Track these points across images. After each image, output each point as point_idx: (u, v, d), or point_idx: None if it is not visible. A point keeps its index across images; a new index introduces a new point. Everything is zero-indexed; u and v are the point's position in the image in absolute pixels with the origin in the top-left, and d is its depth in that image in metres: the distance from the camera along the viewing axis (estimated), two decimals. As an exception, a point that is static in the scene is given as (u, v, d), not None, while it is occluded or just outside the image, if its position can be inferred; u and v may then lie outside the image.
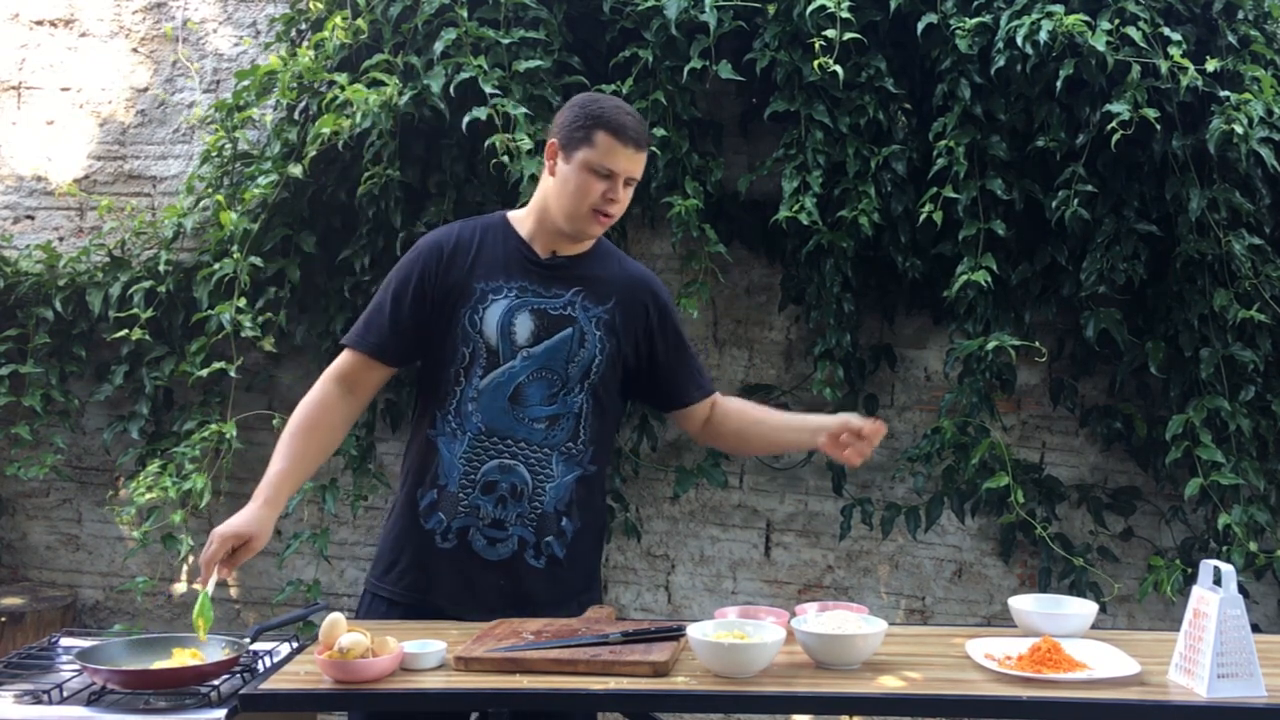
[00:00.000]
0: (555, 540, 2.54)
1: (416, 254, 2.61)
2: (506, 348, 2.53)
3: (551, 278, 2.57)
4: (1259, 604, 3.89)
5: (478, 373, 2.53)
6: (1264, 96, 3.54)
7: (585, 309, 2.56)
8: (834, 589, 4.15)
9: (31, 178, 4.52)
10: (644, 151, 2.55)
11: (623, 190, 2.53)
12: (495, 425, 2.52)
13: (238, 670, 2.26)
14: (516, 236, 2.60)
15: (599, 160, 2.49)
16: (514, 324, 2.53)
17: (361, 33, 3.85)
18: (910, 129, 3.81)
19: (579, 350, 2.54)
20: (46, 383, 4.17)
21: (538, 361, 2.53)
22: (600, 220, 2.53)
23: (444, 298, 2.55)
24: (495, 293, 2.55)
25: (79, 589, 4.46)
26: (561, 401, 2.53)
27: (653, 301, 2.64)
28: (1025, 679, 2.11)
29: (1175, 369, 3.80)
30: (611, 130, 2.49)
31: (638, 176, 2.55)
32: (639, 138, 2.52)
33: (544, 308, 2.55)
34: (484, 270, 2.56)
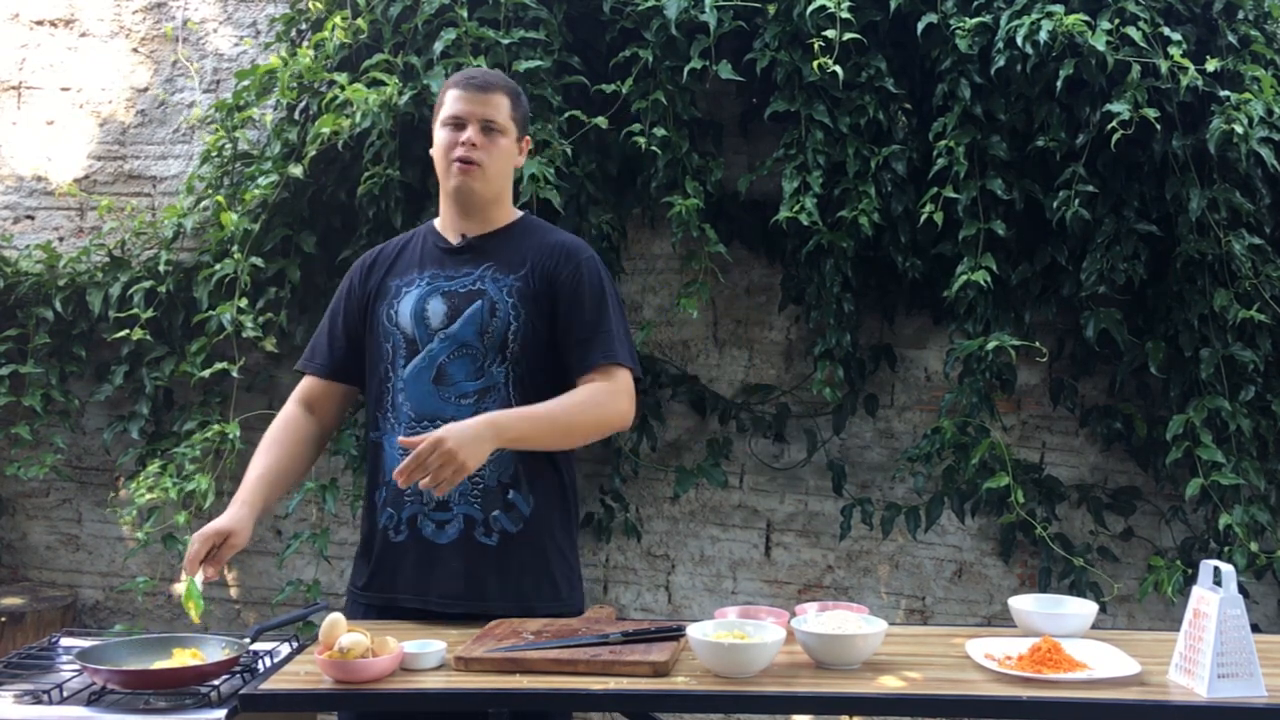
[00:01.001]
0: (504, 515, 2.51)
1: (347, 274, 2.74)
2: (422, 333, 2.55)
3: (461, 260, 2.60)
4: (1259, 604, 3.89)
5: (401, 364, 2.56)
6: (1264, 96, 3.54)
7: (495, 280, 2.55)
8: (834, 589, 4.15)
9: (31, 178, 4.52)
10: (491, 93, 2.57)
11: (479, 134, 2.54)
12: (424, 409, 2.52)
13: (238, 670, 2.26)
14: (434, 233, 2.67)
15: (446, 113, 2.58)
16: (426, 309, 2.56)
17: (361, 33, 3.85)
18: (910, 129, 3.81)
19: (491, 320, 2.53)
20: (46, 383, 4.18)
21: (454, 340, 2.53)
22: (462, 169, 2.55)
23: (368, 304, 2.65)
24: (408, 285, 2.61)
25: (79, 589, 4.46)
26: (487, 374, 2.52)
27: (568, 266, 2.57)
28: (1025, 679, 2.11)
29: (1175, 369, 3.80)
30: (454, 83, 2.60)
31: (494, 118, 2.56)
32: (482, 82, 2.58)
33: (453, 289, 2.57)
34: (400, 269, 2.65)
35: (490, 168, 2.56)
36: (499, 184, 2.61)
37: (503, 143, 2.58)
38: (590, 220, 3.89)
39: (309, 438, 2.69)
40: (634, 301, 4.23)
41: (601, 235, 3.94)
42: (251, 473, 2.58)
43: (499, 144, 2.57)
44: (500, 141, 2.57)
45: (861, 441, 4.16)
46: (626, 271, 4.20)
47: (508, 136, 2.59)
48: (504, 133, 2.58)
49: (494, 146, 2.56)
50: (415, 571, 2.52)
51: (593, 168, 3.90)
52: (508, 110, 2.58)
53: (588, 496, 4.19)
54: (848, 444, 4.16)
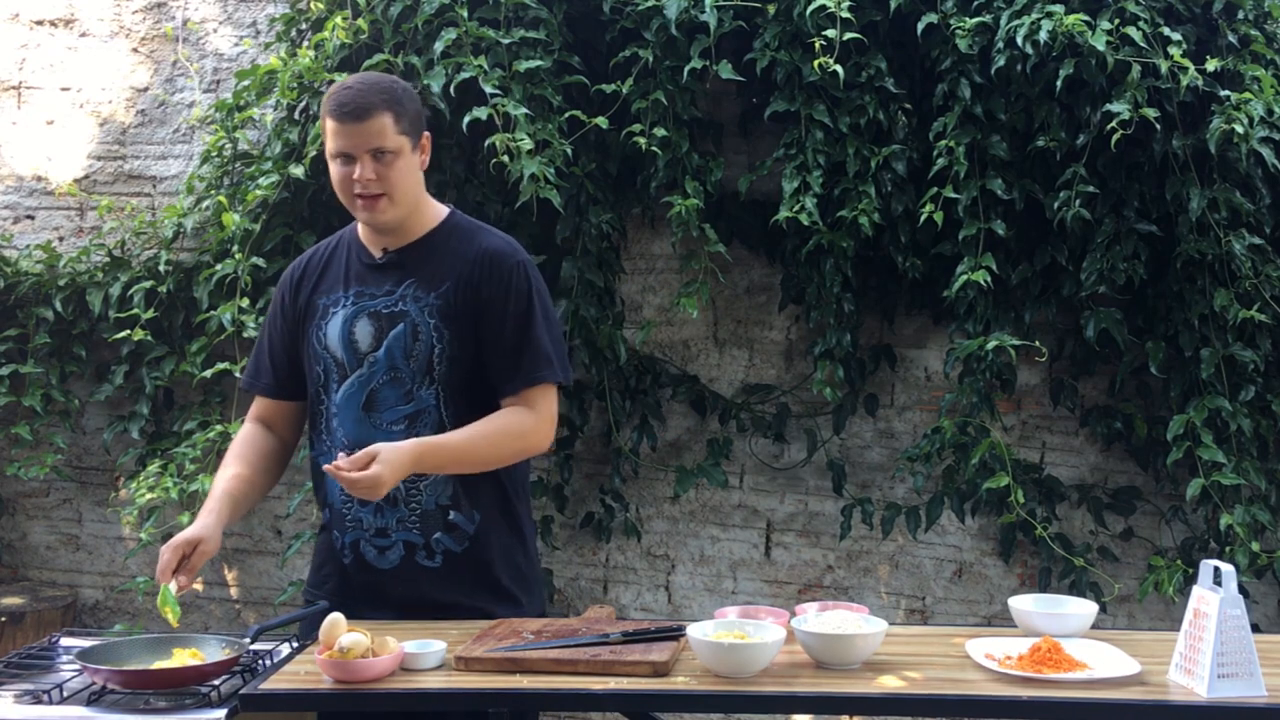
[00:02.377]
0: (446, 536, 2.49)
1: (277, 287, 2.67)
2: (351, 358, 2.50)
3: (384, 276, 2.52)
4: (1259, 604, 3.89)
5: (333, 388, 2.52)
6: (1264, 96, 3.54)
7: (416, 300, 2.48)
8: (834, 589, 4.15)
9: (31, 178, 4.52)
10: (370, 118, 2.39)
11: (372, 165, 2.41)
12: (356, 436, 2.48)
13: (238, 670, 2.26)
14: (358, 243, 2.58)
15: (331, 146, 2.45)
16: (354, 332, 2.51)
17: (362, 33, 3.84)
18: (910, 129, 3.81)
19: (414, 344, 2.47)
20: (46, 383, 4.18)
21: (383, 364, 2.48)
22: (364, 205, 2.45)
23: (299, 322, 2.59)
24: (334, 305, 2.54)
25: (79, 589, 4.46)
26: (416, 398, 2.48)
27: (491, 279, 2.47)
28: (1025, 679, 2.11)
29: (1175, 369, 3.80)
30: (329, 111, 2.44)
31: (380, 145, 2.41)
32: (355, 108, 2.40)
33: (378, 309, 2.50)
34: (326, 285, 2.58)
35: (396, 195, 2.46)
36: (410, 202, 2.50)
37: (399, 164, 2.44)
38: (590, 220, 3.89)
39: (270, 453, 2.64)
40: (634, 301, 4.23)
41: (601, 235, 3.94)
42: (217, 487, 2.53)
43: (395, 167, 2.44)
44: (396, 164, 2.44)
45: (861, 441, 4.16)
46: (626, 271, 4.20)
47: (402, 154, 2.45)
48: (398, 153, 2.44)
49: (391, 172, 2.44)
50: (364, 591, 2.52)
51: (593, 168, 3.90)
52: (392, 128, 2.43)
53: (588, 496, 4.19)
54: (848, 444, 4.16)
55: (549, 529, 4.10)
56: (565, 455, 4.10)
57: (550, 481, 4.10)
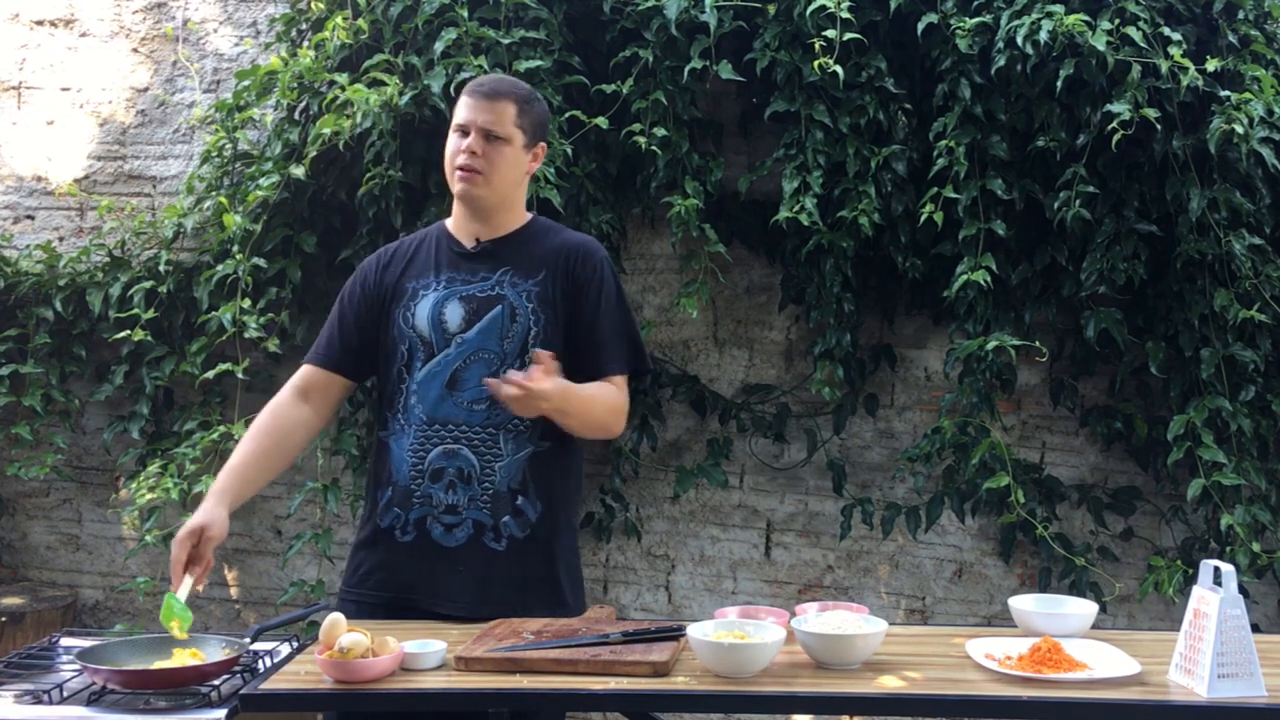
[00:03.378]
0: (513, 520, 2.52)
1: (358, 270, 2.75)
2: (439, 338, 2.57)
3: (478, 264, 2.61)
4: (1259, 604, 3.89)
5: (417, 367, 2.57)
6: (1264, 96, 3.54)
7: (514, 285, 2.57)
8: (834, 589, 4.15)
9: (31, 178, 4.52)
10: (497, 100, 2.56)
11: (480, 142, 2.55)
12: (436, 413, 2.54)
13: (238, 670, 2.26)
14: (447, 235, 2.68)
15: (455, 120, 2.60)
16: (444, 313, 2.58)
17: (362, 33, 3.85)
18: (910, 129, 3.81)
19: (511, 326, 2.55)
20: (46, 383, 4.18)
21: (472, 345, 2.55)
22: (462, 176, 2.56)
23: (382, 303, 2.65)
24: (425, 288, 2.61)
25: (79, 589, 4.46)
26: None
27: (582, 267, 2.60)
28: (1025, 679, 2.11)
29: (1175, 369, 3.80)
30: (466, 89, 2.61)
31: (494, 128, 2.55)
32: (489, 89, 2.57)
33: (471, 293, 2.58)
34: (416, 271, 2.65)
35: (492, 175, 2.56)
36: (504, 190, 2.60)
37: (506, 150, 2.57)
38: (590, 220, 3.89)
39: (300, 425, 2.65)
40: (634, 301, 4.23)
41: (601, 235, 3.93)
42: (233, 459, 2.57)
43: (501, 152, 2.56)
44: (503, 149, 2.56)
45: (861, 441, 4.17)
46: (626, 271, 4.20)
47: (512, 144, 2.57)
48: (508, 140, 2.56)
49: (495, 154, 2.56)
50: (421, 572, 2.52)
51: (593, 168, 3.90)
52: (513, 117, 2.57)
53: (588, 496, 4.19)
54: (848, 444, 4.16)
55: (549, 529, 4.09)
56: (565, 455, 4.09)
57: (550, 481, 4.10)
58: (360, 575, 2.60)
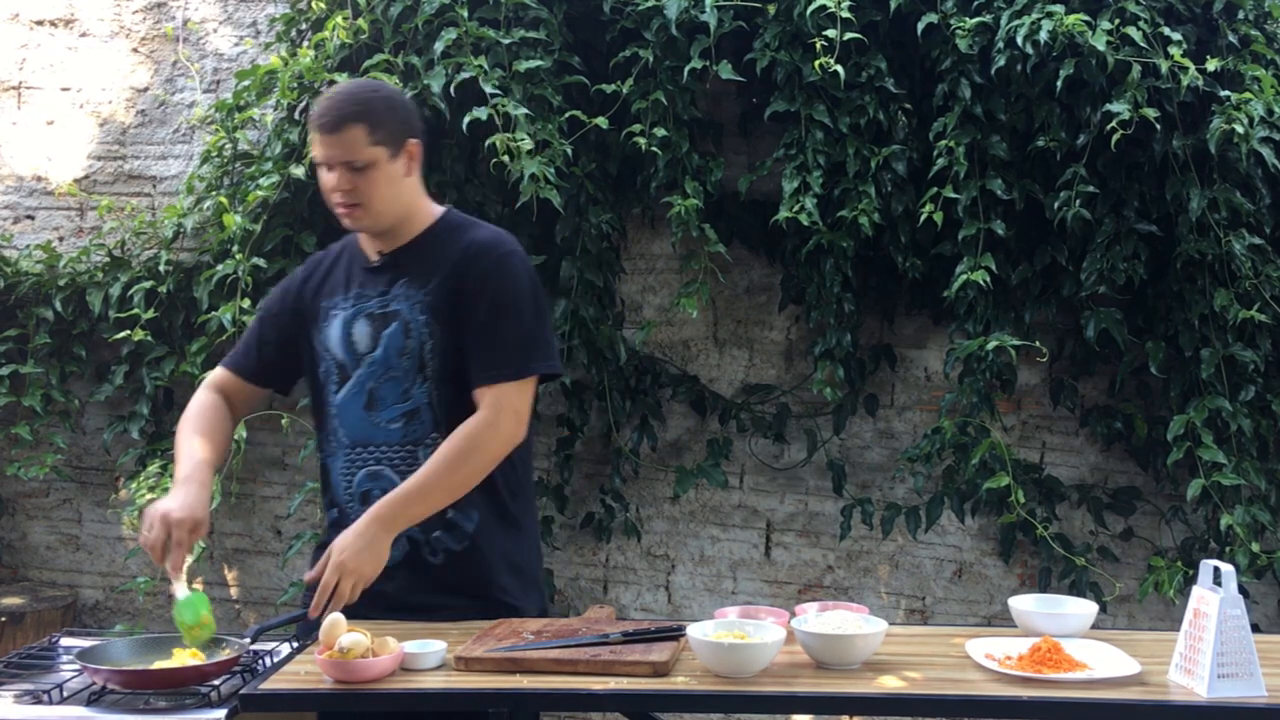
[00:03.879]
0: (446, 534, 2.50)
1: (281, 283, 2.73)
2: (351, 359, 2.53)
3: (379, 277, 2.55)
4: (1259, 604, 3.89)
5: (334, 390, 2.55)
6: (1264, 96, 3.54)
7: (408, 298, 2.50)
8: (834, 589, 4.15)
9: (31, 178, 4.52)
10: (342, 131, 2.41)
11: (346, 177, 2.43)
12: (357, 436, 2.53)
13: (238, 670, 2.26)
14: (357, 248, 2.62)
15: (314, 154, 2.50)
16: (353, 333, 2.54)
17: (362, 33, 3.84)
18: (910, 129, 3.81)
19: (406, 342, 2.50)
20: (46, 383, 4.18)
21: (381, 364, 2.51)
22: (343, 213, 2.48)
23: (301, 322, 2.62)
24: (334, 308, 2.57)
25: (79, 589, 4.46)
26: (411, 397, 2.50)
27: (472, 271, 2.48)
28: (1025, 679, 2.10)
29: (1175, 369, 3.80)
30: (311, 121, 2.48)
31: (351, 159, 2.42)
32: (331, 120, 2.42)
33: (374, 310, 2.53)
34: (329, 289, 2.61)
35: (371, 203, 2.46)
36: (393, 209, 2.50)
37: (374, 175, 2.44)
38: (590, 220, 3.89)
39: (229, 426, 2.66)
40: (634, 301, 4.23)
41: (601, 235, 3.94)
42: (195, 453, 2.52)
43: (369, 178, 2.44)
44: (371, 175, 2.44)
45: (861, 441, 4.16)
46: (626, 271, 4.20)
47: (377, 166, 2.44)
48: (372, 164, 2.43)
49: (364, 182, 2.44)
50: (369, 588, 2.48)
51: (593, 168, 3.90)
52: (366, 140, 2.42)
53: (588, 496, 4.19)
54: (848, 444, 4.16)
55: (549, 529, 4.09)
56: (565, 455, 4.10)
57: (550, 481, 4.10)
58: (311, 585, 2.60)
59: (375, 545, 2.38)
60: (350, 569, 2.34)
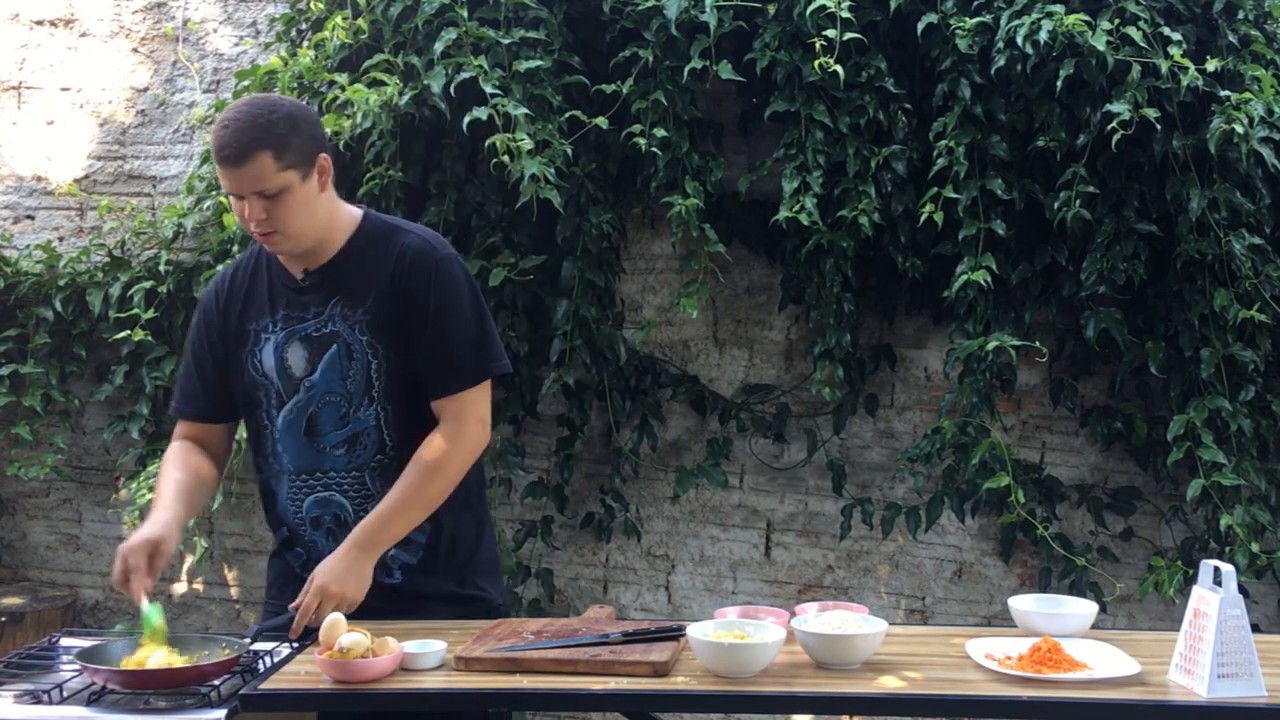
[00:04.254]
0: (401, 551, 2.48)
1: (198, 313, 2.61)
2: (287, 384, 2.48)
3: (309, 297, 2.47)
4: (1259, 604, 3.89)
5: (273, 414, 2.50)
6: (1264, 96, 3.54)
7: (345, 318, 2.44)
8: (834, 589, 4.15)
9: (31, 178, 4.52)
10: (247, 162, 2.31)
11: (260, 205, 2.34)
12: (301, 463, 2.49)
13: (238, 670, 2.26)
14: (277, 264, 2.52)
15: (224, 187, 2.40)
16: (287, 357, 2.48)
17: (362, 33, 3.84)
18: (910, 129, 3.81)
19: (349, 365, 2.44)
20: (46, 383, 4.18)
21: (320, 388, 2.45)
22: (263, 239, 2.41)
23: (230, 349, 2.54)
24: (264, 330, 2.50)
25: (79, 589, 4.46)
26: (354, 420, 2.45)
27: (409, 279, 2.42)
28: (1025, 679, 2.10)
29: (1175, 369, 3.80)
30: (215, 152, 2.36)
31: (263, 187, 2.33)
32: (233, 152, 2.31)
33: (308, 332, 2.46)
34: (254, 309, 2.52)
35: (291, 229, 2.39)
36: (313, 229, 2.43)
37: (288, 200, 2.36)
38: (590, 220, 3.89)
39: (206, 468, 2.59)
40: (634, 301, 4.23)
41: (601, 235, 3.94)
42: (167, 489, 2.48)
43: (284, 203, 2.36)
44: (284, 201, 2.35)
45: (861, 441, 4.16)
46: (626, 271, 4.20)
47: (290, 190, 2.35)
48: (284, 189, 2.34)
49: (279, 209, 2.36)
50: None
51: (593, 168, 3.90)
52: (273, 167, 2.32)
53: (588, 496, 4.19)
54: (848, 444, 4.16)
55: (549, 529, 4.10)
56: (565, 455, 4.10)
57: (550, 481, 4.10)
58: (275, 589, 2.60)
59: (357, 569, 2.37)
60: (332, 593, 2.34)
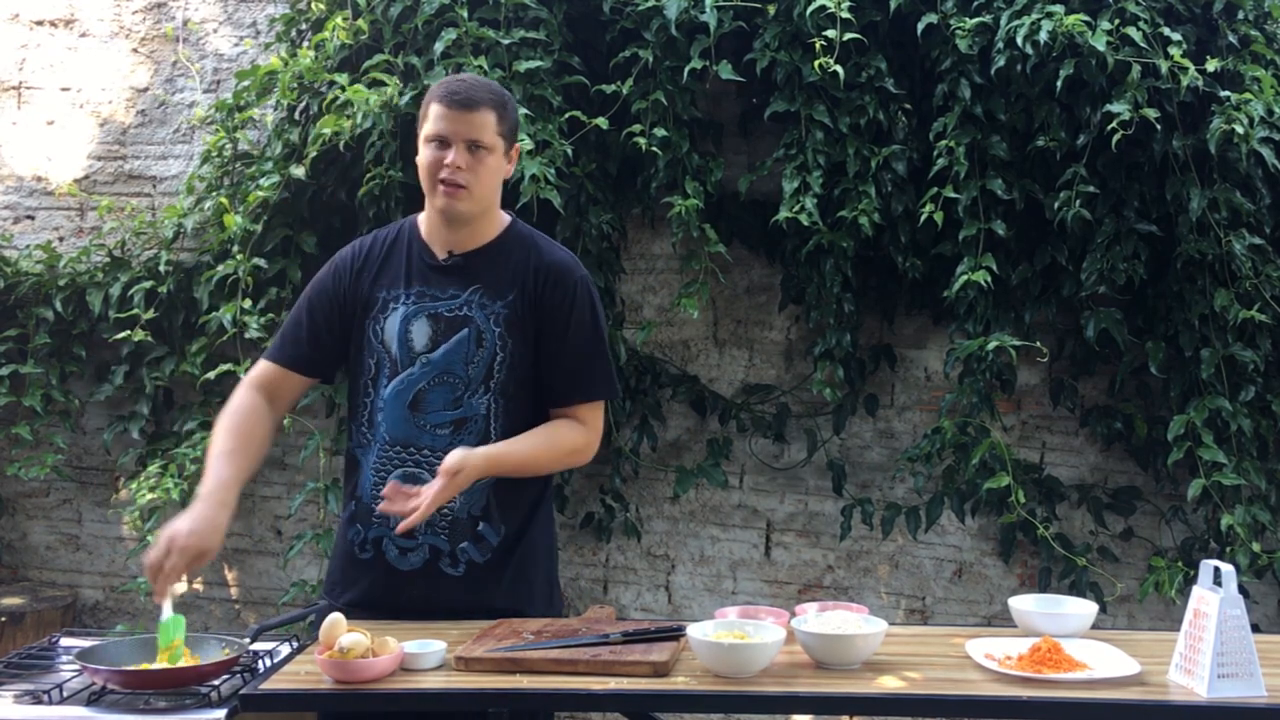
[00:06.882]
0: (473, 546, 2.48)
1: (329, 268, 2.63)
2: (405, 355, 2.49)
3: (448, 279, 2.52)
4: (1259, 604, 3.89)
5: (383, 383, 2.51)
6: (1264, 96, 3.54)
7: (482, 306, 2.48)
8: (834, 589, 4.15)
9: (31, 178, 4.52)
10: (476, 110, 2.44)
11: (465, 155, 2.44)
12: (398, 434, 2.49)
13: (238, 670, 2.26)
14: (419, 240, 2.58)
15: (430, 129, 2.48)
16: (411, 330, 2.50)
17: (362, 33, 3.85)
18: (910, 129, 3.81)
19: (476, 351, 2.47)
20: (46, 383, 4.18)
21: (437, 366, 2.48)
22: (446, 192, 2.46)
23: (352, 310, 2.56)
24: (395, 300, 2.53)
25: (79, 589, 4.46)
26: (466, 405, 2.47)
27: (557, 292, 2.50)
28: (1025, 679, 2.11)
29: (1175, 369, 3.80)
30: (437, 97, 2.47)
31: (479, 138, 2.44)
32: (466, 98, 2.44)
33: (439, 311, 2.49)
34: (387, 279, 2.56)
35: (477, 189, 2.47)
36: (487, 201, 2.52)
37: (490, 161, 2.47)
38: (590, 220, 3.89)
39: (269, 430, 2.58)
40: (634, 301, 4.23)
41: (601, 235, 3.94)
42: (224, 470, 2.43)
43: (486, 163, 2.46)
44: (487, 160, 2.46)
45: (861, 441, 4.16)
46: (626, 271, 4.20)
47: (495, 153, 2.47)
48: (491, 150, 2.46)
49: (481, 166, 2.46)
50: (378, 589, 2.50)
51: (593, 168, 3.90)
52: (494, 126, 2.46)
53: (588, 496, 4.19)
54: (848, 444, 4.16)
55: (549, 529, 4.09)
56: (565, 455, 4.10)
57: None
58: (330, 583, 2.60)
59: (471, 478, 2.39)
60: (453, 485, 2.34)
